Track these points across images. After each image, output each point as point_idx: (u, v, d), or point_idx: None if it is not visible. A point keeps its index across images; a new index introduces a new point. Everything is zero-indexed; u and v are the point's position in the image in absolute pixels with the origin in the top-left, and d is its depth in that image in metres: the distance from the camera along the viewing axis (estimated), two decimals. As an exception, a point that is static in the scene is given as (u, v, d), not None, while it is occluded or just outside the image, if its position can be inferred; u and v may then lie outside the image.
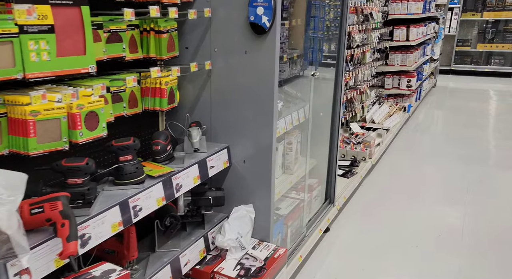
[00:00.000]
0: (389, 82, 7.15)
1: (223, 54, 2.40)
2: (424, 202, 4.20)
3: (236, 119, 2.46)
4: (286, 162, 3.36)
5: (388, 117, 6.40)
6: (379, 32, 6.14)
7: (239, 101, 2.42)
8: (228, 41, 2.37)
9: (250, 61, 2.35)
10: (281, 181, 3.21)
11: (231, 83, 2.42)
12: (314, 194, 3.63)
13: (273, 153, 2.42)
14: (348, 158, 4.81)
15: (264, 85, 2.34)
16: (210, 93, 2.49)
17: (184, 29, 2.45)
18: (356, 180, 4.37)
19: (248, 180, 2.51)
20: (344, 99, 4.77)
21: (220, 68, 2.43)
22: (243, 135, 2.46)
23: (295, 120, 3.30)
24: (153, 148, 2.08)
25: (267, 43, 2.28)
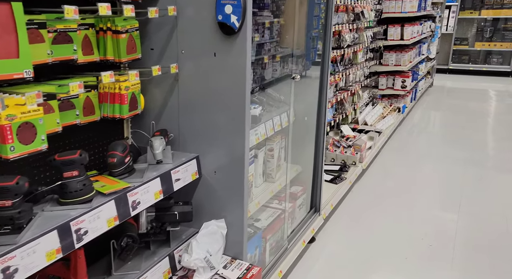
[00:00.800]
0: (383, 83, 6.95)
1: (191, 56, 2.20)
2: (416, 209, 4.01)
3: (206, 126, 2.26)
4: (267, 169, 3.17)
5: (382, 119, 6.21)
6: (372, 31, 5.94)
7: (209, 107, 2.23)
8: (196, 42, 2.18)
9: (219, 64, 2.15)
10: (261, 190, 3.02)
11: (200, 87, 2.22)
12: (298, 202, 3.44)
13: (245, 163, 2.23)
14: (338, 162, 4.62)
15: (235, 90, 2.14)
16: (178, 98, 2.29)
17: (149, 29, 2.25)
18: (345, 186, 4.18)
19: (219, 192, 2.32)
20: (334, 101, 4.57)
21: (188, 71, 2.23)
22: (214, 144, 2.27)
23: (277, 125, 3.11)
24: (108, 160, 1.88)
25: (237, 45, 2.08)
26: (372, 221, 3.79)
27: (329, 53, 3.25)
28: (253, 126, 2.78)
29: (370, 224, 3.74)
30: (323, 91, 3.35)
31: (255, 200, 2.87)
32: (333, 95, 4.57)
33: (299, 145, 3.49)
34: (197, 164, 2.28)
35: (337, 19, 4.43)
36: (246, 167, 2.24)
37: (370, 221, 3.79)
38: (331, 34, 3.21)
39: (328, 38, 3.22)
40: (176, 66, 2.19)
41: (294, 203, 3.33)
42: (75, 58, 1.84)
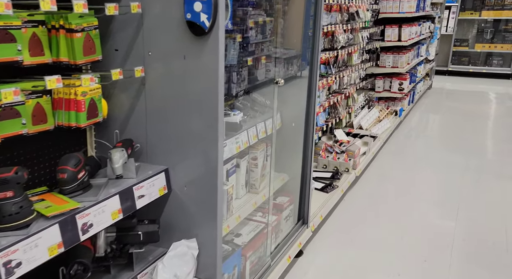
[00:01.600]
0: (379, 85, 6.73)
1: (158, 58, 1.98)
2: (411, 219, 3.79)
3: (177, 136, 2.04)
4: (250, 180, 2.95)
5: (378, 122, 5.99)
6: (368, 32, 5.72)
7: (178, 115, 2.01)
8: (164, 43, 1.96)
9: (189, 67, 1.93)
10: (243, 202, 2.81)
11: (169, 93, 2.00)
12: (285, 214, 3.22)
13: (219, 176, 2.01)
14: (330, 169, 4.40)
15: (207, 97, 1.92)
16: (145, 104, 2.07)
17: (113, 27, 2.03)
18: (337, 195, 3.96)
19: (190, 209, 2.10)
20: (327, 105, 4.35)
21: (156, 75, 2.01)
22: (185, 155, 2.05)
23: (261, 132, 2.89)
24: (58, 176, 1.66)
25: (209, 47, 1.86)
26: (364, 233, 3.57)
27: (318, 55, 3.03)
28: (233, 134, 2.57)
29: (362, 236, 3.52)
30: (312, 95, 3.13)
31: (236, 214, 2.65)
32: (326, 99, 4.35)
33: (286, 153, 3.28)
34: (166, 178, 2.06)
35: (330, 19, 4.21)
36: (220, 181, 2.02)
37: (362, 233, 3.57)
38: (319, 35, 2.99)
39: (317, 39, 3.00)
40: (142, 70, 1.97)
41: (280, 216, 3.11)
42: (19, 60, 1.62)
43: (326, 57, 4.22)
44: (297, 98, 3.19)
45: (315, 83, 3.08)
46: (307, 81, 3.15)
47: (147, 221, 1.99)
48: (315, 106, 3.15)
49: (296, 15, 3.12)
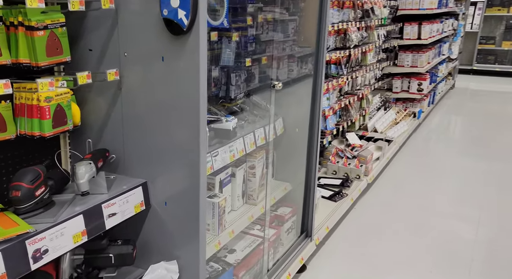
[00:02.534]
0: (397, 85, 6.43)
1: (135, 60, 1.77)
2: (427, 233, 3.51)
3: (156, 146, 1.83)
4: (248, 190, 2.73)
5: (394, 125, 5.69)
6: (385, 30, 5.43)
7: (157, 122, 1.80)
8: (140, 43, 1.74)
9: (168, 70, 1.72)
10: (239, 215, 2.59)
11: (147, 98, 1.79)
12: (286, 226, 2.98)
13: (201, 193, 1.79)
14: (340, 175, 4.14)
15: (187, 103, 1.71)
16: (122, 111, 1.86)
17: (86, 24, 1.82)
18: (346, 204, 3.71)
19: (171, 228, 1.89)
20: (337, 107, 4.09)
21: (133, 79, 1.80)
22: (165, 168, 1.84)
23: (260, 138, 2.67)
24: (10, 194, 1.46)
25: (189, 48, 1.65)
26: (375, 246, 3.32)
27: (323, 55, 2.78)
28: (226, 142, 2.35)
29: (373, 250, 3.27)
30: (317, 98, 2.88)
31: (229, 229, 2.43)
32: (336, 101, 4.09)
33: (290, 160, 3.05)
34: (144, 193, 1.85)
35: (342, 16, 3.94)
36: (203, 197, 1.80)
37: (372, 246, 3.32)
38: (325, 33, 2.74)
39: (323, 37, 2.75)
40: (116, 72, 1.76)
41: (280, 229, 2.88)
42: (-32, 62, 1.43)
43: (337, 57, 3.96)
44: (305, 101, 2.95)
45: (320, 86, 2.84)
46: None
47: (120, 241, 1.79)
48: (320, 110, 2.90)
49: (311, 11, 2.86)
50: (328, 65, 3.99)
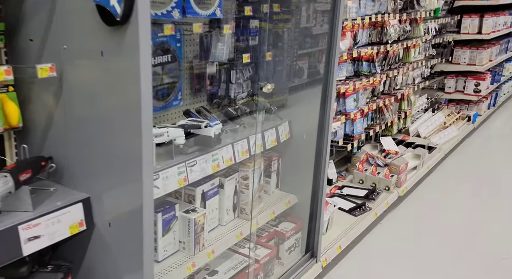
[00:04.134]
0: (450, 85, 5.81)
1: (74, 54, 1.50)
2: (466, 265, 3.03)
3: (99, 156, 1.55)
4: (240, 203, 2.40)
5: (442, 129, 5.12)
6: (437, 23, 4.86)
7: (100, 129, 1.52)
8: (78, 34, 1.47)
9: (108, 68, 1.43)
10: (226, 232, 2.28)
11: (88, 99, 1.52)
12: (288, 244, 2.64)
13: (144, 215, 1.49)
14: (367, 185, 3.71)
15: (127, 108, 1.41)
16: (64, 113, 1.60)
17: (26, 10, 1.56)
18: (368, 219, 3.29)
19: (114, 253, 1.61)
20: (367, 110, 3.65)
21: (73, 76, 1.53)
22: (110, 183, 1.56)
23: (257, 146, 2.33)
24: None
25: (127, 42, 1.35)
26: (398, 274, 2.89)
27: (335, 52, 2.38)
28: (207, 150, 2.04)
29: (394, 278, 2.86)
30: (328, 101, 2.49)
31: (209, 248, 2.13)
32: (366, 102, 3.65)
33: (296, 170, 2.69)
34: (85, 210, 1.58)
35: (378, 7, 3.49)
36: (147, 222, 1.50)
37: (394, 273, 2.90)
38: (338, 27, 2.33)
39: (335, 31, 2.34)
40: (52, 68, 1.48)
41: (275, 249, 2.54)
42: None
43: (370, 53, 3.51)
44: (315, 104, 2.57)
45: (331, 88, 2.44)
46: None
47: (51, 267, 1.54)
48: (331, 115, 2.51)
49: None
50: (359, 62, 3.55)
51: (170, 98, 2.14)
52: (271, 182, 2.67)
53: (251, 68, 2.60)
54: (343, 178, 3.82)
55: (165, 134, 1.93)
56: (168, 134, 1.94)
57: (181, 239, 2.09)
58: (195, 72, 2.38)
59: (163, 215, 1.99)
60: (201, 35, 2.20)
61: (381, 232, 3.40)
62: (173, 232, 2.05)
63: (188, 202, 2.18)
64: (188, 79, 2.34)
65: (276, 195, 2.69)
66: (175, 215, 2.05)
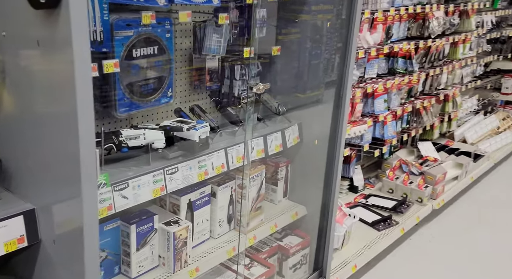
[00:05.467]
0: (508, 85, 5.23)
1: (12, 42, 1.30)
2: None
3: (41, 161, 1.35)
4: (237, 214, 2.15)
5: (494, 135, 4.61)
6: (495, 15, 4.35)
7: (40, 130, 1.31)
8: (16, 19, 1.25)
9: (44, 59, 1.22)
10: (217, 246, 2.04)
11: (28, 95, 1.31)
12: (292, 261, 2.36)
13: (85, 235, 1.26)
14: (397, 195, 3.35)
15: (64, 107, 1.19)
16: (9, 110, 1.40)
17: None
18: (393, 235, 2.94)
19: (59, 273, 1.41)
20: (401, 112, 3.27)
21: (13, 67, 1.33)
22: (52, 194, 1.35)
23: (257, 151, 2.07)
24: None
25: (59, 29, 1.11)
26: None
27: (351, 48, 2.05)
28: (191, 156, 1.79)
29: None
30: (342, 103, 2.17)
31: (193, 265, 1.89)
32: (401, 104, 3.27)
33: (306, 178, 2.40)
34: (27, 224, 1.38)
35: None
36: (88, 241, 1.28)
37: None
38: (356, 18, 2.00)
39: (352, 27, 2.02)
40: (-13, 58, 1.28)
41: (274, 268, 2.26)
42: None
43: (407, 48, 3.12)
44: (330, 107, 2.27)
45: (346, 89, 2.12)
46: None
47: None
48: (345, 119, 2.19)
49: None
50: (394, 58, 3.17)
51: (157, 95, 1.90)
52: (278, 190, 2.39)
53: (260, 63, 2.33)
54: (372, 186, 3.46)
55: (141, 136, 1.71)
56: (144, 136, 1.71)
57: (160, 254, 1.87)
58: (195, 67, 2.14)
59: (138, 227, 1.77)
60: (194, 25, 1.95)
61: (408, 250, 3.04)
62: (151, 246, 1.83)
63: (172, 212, 1.95)
64: (185, 74, 2.10)
65: (282, 205, 2.41)
66: (153, 227, 1.82)
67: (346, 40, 2.06)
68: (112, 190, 1.56)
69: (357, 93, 2.75)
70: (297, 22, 2.28)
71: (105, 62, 1.56)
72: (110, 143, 1.66)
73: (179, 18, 1.74)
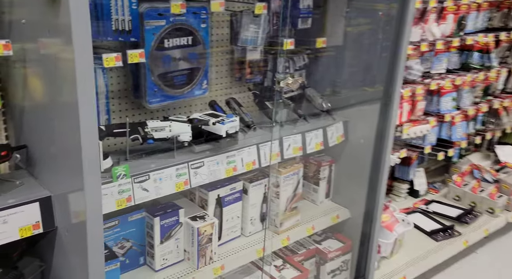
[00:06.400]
0: None
1: (30, 30, 1.31)
2: None
3: (54, 151, 1.37)
4: (271, 213, 2.07)
5: None
6: None
7: (50, 119, 1.33)
8: (33, 7, 1.26)
9: (51, 49, 1.22)
10: (246, 245, 1.97)
11: (43, 83, 1.33)
12: (331, 266, 2.24)
13: (88, 228, 1.26)
14: (464, 204, 3.05)
15: (68, 97, 1.19)
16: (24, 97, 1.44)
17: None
18: (454, 247, 2.68)
19: (70, 261, 1.42)
20: (477, 111, 2.96)
21: (30, 56, 1.35)
22: (63, 184, 1.37)
23: (293, 148, 1.96)
24: None
25: (61, 17, 1.11)
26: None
27: (403, 39, 1.86)
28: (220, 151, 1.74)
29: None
30: (391, 102, 1.99)
31: (218, 263, 1.85)
32: (475, 103, 2.96)
33: (351, 180, 2.25)
34: (43, 211, 1.40)
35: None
36: (92, 233, 1.27)
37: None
38: (411, 7, 1.81)
39: (407, 10, 1.82)
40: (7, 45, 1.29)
41: (307, 272, 2.14)
42: None
43: (486, 42, 2.81)
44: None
45: (395, 87, 1.94)
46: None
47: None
48: (395, 118, 2.01)
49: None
50: (469, 52, 2.87)
51: (191, 87, 1.86)
52: (319, 190, 2.26)
53: (306, 56, 2.20)
54: (436, 191, 3.19)
55: (166, 128, 1.68)
56: (170, 128, 1.68)
57: (186, 248, 1.84)
58: (236, 58, 2.07)
59: (162, 220, 1.75)
60: (232, 15, 1.87)
61: (472, 266, 2.76)
62: (176, 239, 1.81)
63: (201, 206, 1.92)
64: (224, 67, 2.04)
65: (324, 206, 2.29)
66: (178, 220, 1.80)
67: (397, 31, 1.87)
68: (132, 181, 1.55)
69: (418, 90, 2.51)
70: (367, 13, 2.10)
71: (129, 51, 1.54)
72: (136, 134, 1.65)
73: (211, 7, 1.67)
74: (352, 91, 2.22)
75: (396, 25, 1.87)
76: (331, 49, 2.15)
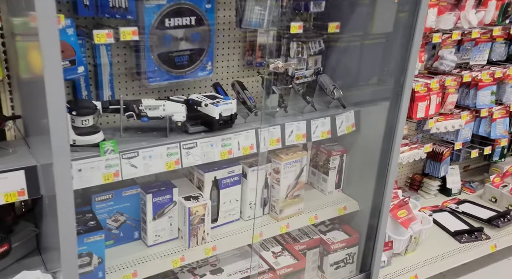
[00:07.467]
0: None
1: (15, 3, 1.36)
2: None
3: (37, 124, 1.43)
4: (272, 198, 2.04)
5: None
6: None
7: (33, 92, 1.39)
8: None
9: (24, 23, 1.26)
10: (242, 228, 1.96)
11: (25, 57, 1.40)
12: (334, 258, 2.18)
13: (58, 201, 1.31)
14: (501, 206, 2.84)
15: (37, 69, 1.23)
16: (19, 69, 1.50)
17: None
18: (479, 250, 2.51)
19: (52, 227, 1.49)
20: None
21: (16, 29, 1.41)
22: (43, 156, 1.42)
23: (296, 135, 1.92)
24: None
25: None
26: None
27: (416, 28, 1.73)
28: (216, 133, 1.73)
29: None
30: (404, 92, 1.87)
31: (211, 243, 1.86)
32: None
33: (361, 172, 2.16)
34: (28, 179, 1.46)
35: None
36: (61, 206, 1.32)
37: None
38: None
39: None
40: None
41: (304, 261, 2.10)
42: None
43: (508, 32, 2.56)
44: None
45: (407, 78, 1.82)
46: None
47: None
48: (403, 110, 1.89)
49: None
50: (507, 42, 2.64)
51: (194, 67, 1.86)
52: (329, 180, 2.20)
53: (322, 41, 2.12)
54: (472, 191, 2.99)
55: (160, 107, 1.69)
56: (164, 108, 1.69)
57: (180, 227, 1.87)
58: (246, 42, 2.04)
59: (155, 197, 1.78)
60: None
61: (502, 272, 2.58)
62: (170, 217, 1.84)
63: (198, 187, 1.93)
64: (232, 49, 2.02)
65: (333, 196, 2.22)
66: (172, 199, 1.82)
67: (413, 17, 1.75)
68: (120, 157, 1.58)
69: (448, 81, 2.34)
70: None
71: (122, 29, 1.56)
72: (130, 112, 1.68)
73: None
74: (368, 80, 2.11)
75: (411, 12, 1.74)
76: (346, 36, 2.05)
